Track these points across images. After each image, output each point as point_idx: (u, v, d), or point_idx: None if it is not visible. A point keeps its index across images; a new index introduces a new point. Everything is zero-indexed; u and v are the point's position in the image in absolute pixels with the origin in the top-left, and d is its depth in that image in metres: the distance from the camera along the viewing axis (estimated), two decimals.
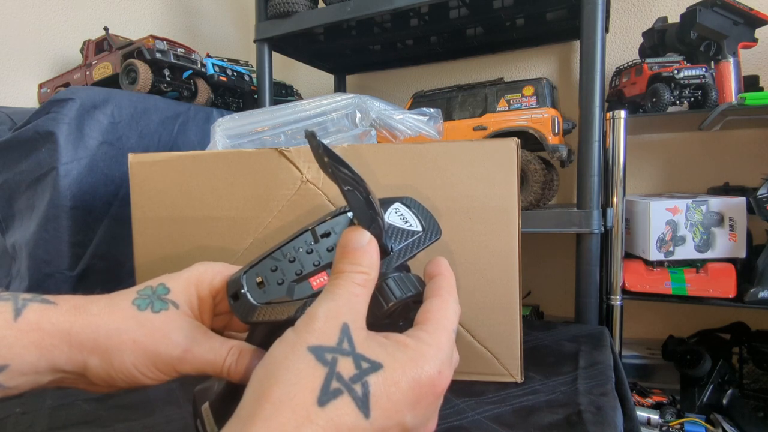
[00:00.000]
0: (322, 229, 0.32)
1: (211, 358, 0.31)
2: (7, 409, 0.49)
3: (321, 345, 0.22)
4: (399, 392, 0.22)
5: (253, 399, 0.21)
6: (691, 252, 0.89)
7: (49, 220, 0.74)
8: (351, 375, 0.22)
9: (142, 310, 0.31)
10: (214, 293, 0.34)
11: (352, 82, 1.51)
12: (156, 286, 0.32)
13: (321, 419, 0.20)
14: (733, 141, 1.10)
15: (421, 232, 0.31)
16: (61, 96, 0.75)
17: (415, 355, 0.24)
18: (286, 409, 0.20)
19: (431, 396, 0.24)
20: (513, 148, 0.51)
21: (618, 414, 0.48)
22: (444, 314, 0.27)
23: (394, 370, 0.23)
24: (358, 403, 0.21)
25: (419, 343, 0.24)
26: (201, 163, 0.56)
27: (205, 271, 0.34)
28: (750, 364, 0.96)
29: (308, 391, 0.21)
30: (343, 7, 1.00)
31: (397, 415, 0.22)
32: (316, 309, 0.24)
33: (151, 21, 1.35)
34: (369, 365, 0.22)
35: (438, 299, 0.28)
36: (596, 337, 0.70)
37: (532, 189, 0.88)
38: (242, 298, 0.29)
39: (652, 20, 1.06)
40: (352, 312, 0.24)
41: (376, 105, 0.68)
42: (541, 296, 1.26)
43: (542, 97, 0.89)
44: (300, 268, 0.30)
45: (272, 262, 0.30)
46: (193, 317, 0.32)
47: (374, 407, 0.21)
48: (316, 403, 0.20)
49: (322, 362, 0.22)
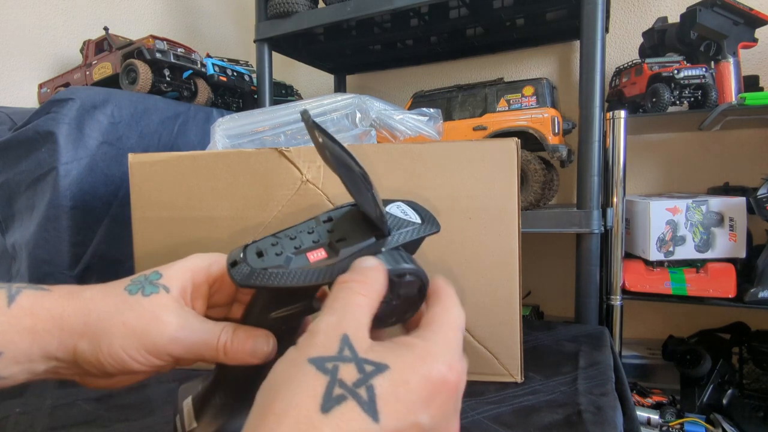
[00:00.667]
0: (324, 216, 0.32)
1: (204, 336, 0.30)
2: (7, 409, 0.49)
3: (321, 356, 0.22)
4: (409, 392, 0.22)
5: (256, 414, 0.21)
6: (691, 252, 0.89)
7: (49, 220, 0.74)
8: (354, 380, 0.21)
9: (133, 294, 0.30)
10: (210, 281, 0.34)
11: (352, 82, 1.51)
12: (150, 273, 0.32)
13: (326, 427, 0.20)
14: (733, 141, 1.10)
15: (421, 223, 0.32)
16: (61, 96, 0.75)
17: (423, 353, 0.23)
18: (290, 419, 0.20)
19: (444, 393, 0.23)
20: (513, 148, 0.51)
21: (618, 414, 0.48)
22: (448, 316, 0.27)
23: (402, 370, 0.22)
24: (365, 407, 0.20)
25: (426, 342, 0.24)
26: (201, 163, 0.56)
27: (201, 260, 0.34)
28: (750, 364, 0.96)
29: (311, 400, 0.20)
30: (343, 7, 1.00)
31: (410, 415, 0.21)
32: (316, 325, 0.24)
33: (151, 21, 1.35)
34: (373, 368, 0.22)
35: (440, 305, 0.28)
36: (596, 337, 0.70)
37: (532, 189, 0.88)
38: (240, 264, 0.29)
39: (652, 20, 1.06)
40: (353, 322, 0.24)
41: (376, 105, 0.68)
42: (541, 296, 1.26)
43: (542, 97, 0.89)
44: (299, 244, 0.30)
45: (273, 239, 0.30)
46: (185, 303, 0.32)
47: (383, 410, 0.21)
48: (319, 410, 0.20)
49: (322, 371, 0.21)
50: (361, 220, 0.31)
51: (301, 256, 0.29)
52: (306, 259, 0.29)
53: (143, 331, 0.29)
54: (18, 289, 0.29)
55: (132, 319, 0.29)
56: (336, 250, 0.29)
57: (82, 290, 0.31)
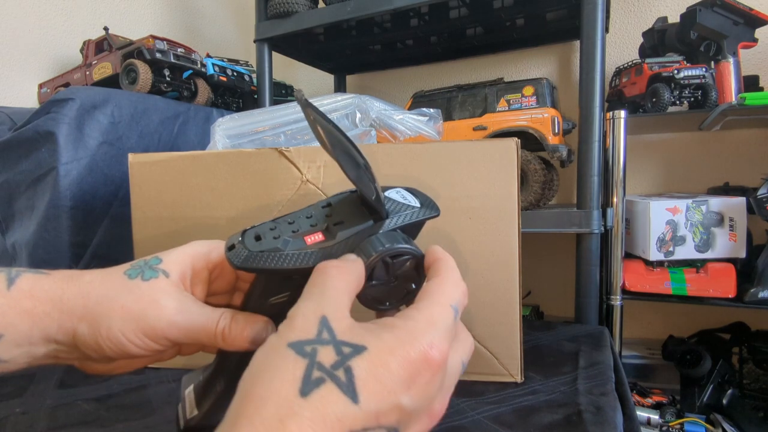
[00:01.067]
0: (323, 202, 0.32)
1: (202, 321, 0.30)
2: (7, 409, 0.49)
3: (300, 339, 0.22)
4: (388, 372, 0.22)
5: (238, 400, 0.21)
6: (691, 252, 0.89)
7: (49, 220, 0.74)
8: (332, 362, 0.21)
9: (133, 279, 0.30)
10: (210, 267, 0.34)
11: (352, 82, 1.51)
12: (150, 258, 0.32)
13: (306, 410, 0.20)
14: (733, 141, 1.10)
15: (420, 207, 0.32)
16: (61, 96, 0.75)
17: (402, 333, 0.23)
18: (269, 403, 0.20)
19: (427, 373, 0.23)
20: (513, 148, 0.51)
21: (618, 414, 0.48)
22: (440, 290, 0.26)
23: (380, 351, 0.22)
24: (343, 388, 0.21)
25: (407, 321, 0.24)
26: (201, 163, 0.56)
27: (201, 246, 0.34)
28: (750, 364, 0.96)
29: (289, 384, 0.20)
30: (343, 7, 1.00)
31: (391, 396, 0.21)
32: (295, 310, 0.24)
33: (151, 21, 1.35)
34: (351, 349, 0.22)
35: (436, 279, 0.27)
36: (596, 337, 0.70)
37: (532, 189, 0.88)
38: (237, 247, 0.29)
39: (652, 20, 1.06)
40: (332, 304, 0.24)
41: (376, 105, 0.68)
42: (541, 296, 1.26)
43: (542, 97, 0.89)
44: (297, 228, 0.30)
45: (272, 224, 0.31)
46: (185, 288, 0.32)
47: (362, 391, 0.21)
48: (298, 394, 0.20)
49: (302, 355, 0.21)
50: (360, 205, 0.31)
51: (299, 240, 0.29)
52: (303, 242, 0.29)
53: (142, 314, 0.29)
54: (17, 273, 0.30)
55: (131, 302, 0.29)
56: (333, 233, 0.29)
57: (82, 274, 0.31)
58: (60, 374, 0.57)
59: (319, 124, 0.26)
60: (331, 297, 0.25)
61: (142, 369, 0.33)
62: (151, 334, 0.29)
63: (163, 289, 0.30)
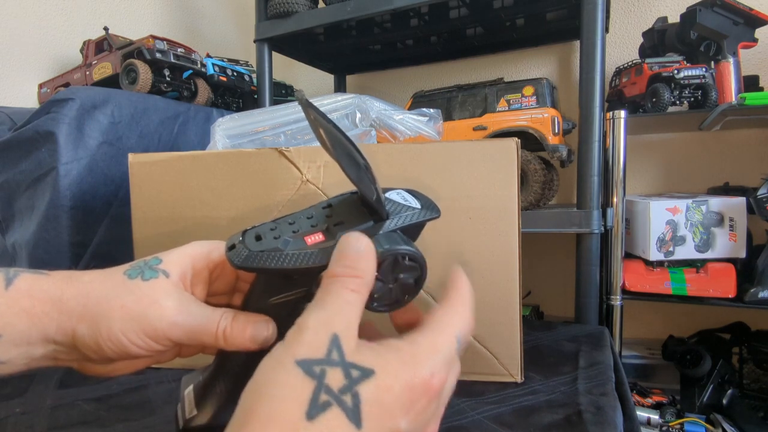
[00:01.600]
0: (324, 203, 0.32)
1: (203, 321, 0.30)
2: (7, 409, 0.49)
3: (309, 358, 0.22)
4: (392, 397, 0.22)
5: (240, 415, 0.21)
6: (691, 252, 0.89)
7: (49, 220, 0.74)
8: (340, 386, 0.21)
9: (133, 279, 0.30)
10: (211, 267, 0.34)
11: (352, 82, 1.51)
12: (150, 258, 0.32)
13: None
14: (733, 141, 1.10)
15: (420, 208, 0.32)
16: (61, 96, 0.75)
17: (407, 358, 0.23)
18: (273, 425, 0.20)
19: (425, 399, 0.23)
20: (513, 148, 0.51)
21: (618, 414, 0.48)
22: (447, 319, 0.26)
23: (387, 375, 0.22)
24: (349, 414, 0.21)
25: (412, 346, 0.24)
26: (201, 163, 0.56)
27: (202, 246, 0.34)
28: (750, 364, 0.96)
29: (296, 406, 0.20)
30: (343, 7, 1.00)
31: (391, 420, 0.22)
32: (305, 319, 0.24)
33: (151, 21, 1.35)
34: (359, 373, 0.22)
35: (446, 306, 0.27)
36: (596, 337, 0.70)
37: (532, 189, 0.88)
38: (238, 247, 0.29)
39: (652, 20, 1.06)
40: (344, 321, 0.24)
41: (376, 105, 0.68)
42: (541, 296, 1.26)
43: (542, 97, 0.89)
44: (297, 228, 0.30)
45: (272, 224, 0.31)
46: (185, 288, 0.32)
47: (366, 417, 0.21)
48: (304, 417, 0.20)
49: (310, 376, 0.21)
50: (360, 206, 0.31)
51: (299, 240, 0.29)
52: (303, 242, 0.29)
53: (142, 314, 0.29)
54: (16, 273, 0.29)
55: (131, 302, 0.29)
56: (334, 233, 0.29)
57: (81, 274, 0.31)
58: (60, 374, 0.57)
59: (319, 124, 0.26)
60: (344, 312, 0.24)
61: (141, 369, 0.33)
62: (152, 334, 0.29)
63: (164, 290, 0.30)
